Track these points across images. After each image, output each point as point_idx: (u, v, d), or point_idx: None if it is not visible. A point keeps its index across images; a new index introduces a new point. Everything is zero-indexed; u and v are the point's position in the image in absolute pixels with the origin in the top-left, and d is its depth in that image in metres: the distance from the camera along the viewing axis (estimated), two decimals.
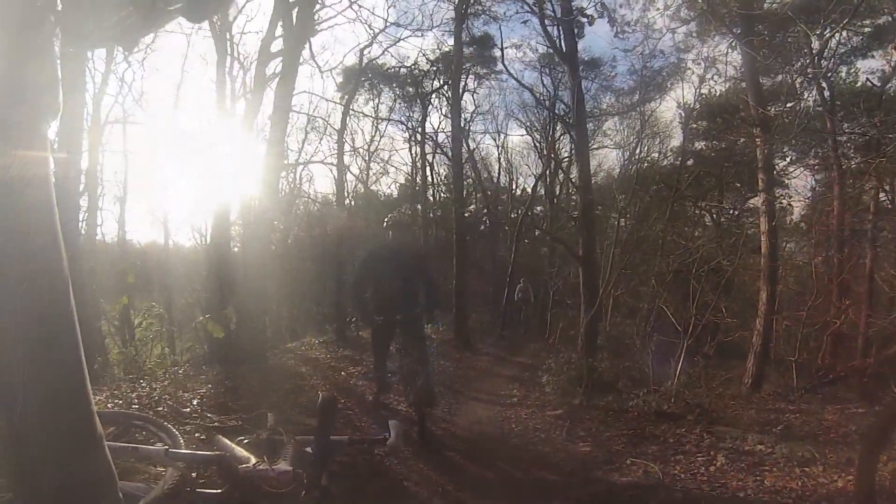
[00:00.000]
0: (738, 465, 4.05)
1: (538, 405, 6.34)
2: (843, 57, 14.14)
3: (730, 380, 7.72)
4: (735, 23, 9.08)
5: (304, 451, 2.60)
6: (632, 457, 4.33)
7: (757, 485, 3.65)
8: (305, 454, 2.59)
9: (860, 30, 13.10)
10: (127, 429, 3.00)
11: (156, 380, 5.05)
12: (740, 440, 4.58)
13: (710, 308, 6.67)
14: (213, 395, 4.77)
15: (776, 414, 5.95)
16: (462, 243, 12.66)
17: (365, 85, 16.11)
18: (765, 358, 7.77)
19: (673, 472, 3.99)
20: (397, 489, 3.54)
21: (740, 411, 5.98)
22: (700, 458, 4.28)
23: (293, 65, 8.15)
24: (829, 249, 10.55)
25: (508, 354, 11.47)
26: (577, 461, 4.38)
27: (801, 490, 3.48)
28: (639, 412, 5.45)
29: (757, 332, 7.74)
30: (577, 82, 9.16)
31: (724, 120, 12.71)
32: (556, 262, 16.25)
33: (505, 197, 22.08)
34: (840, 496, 3.28)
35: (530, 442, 5.05)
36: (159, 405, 4.14)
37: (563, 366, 6.56)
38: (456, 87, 13.03)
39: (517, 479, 4.13)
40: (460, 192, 13.09)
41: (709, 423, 5.05)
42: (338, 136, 13.23)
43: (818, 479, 3.64)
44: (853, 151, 12.81)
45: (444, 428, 5.44)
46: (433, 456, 4.44)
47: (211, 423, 3.84)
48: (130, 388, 4.53)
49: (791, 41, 11.08)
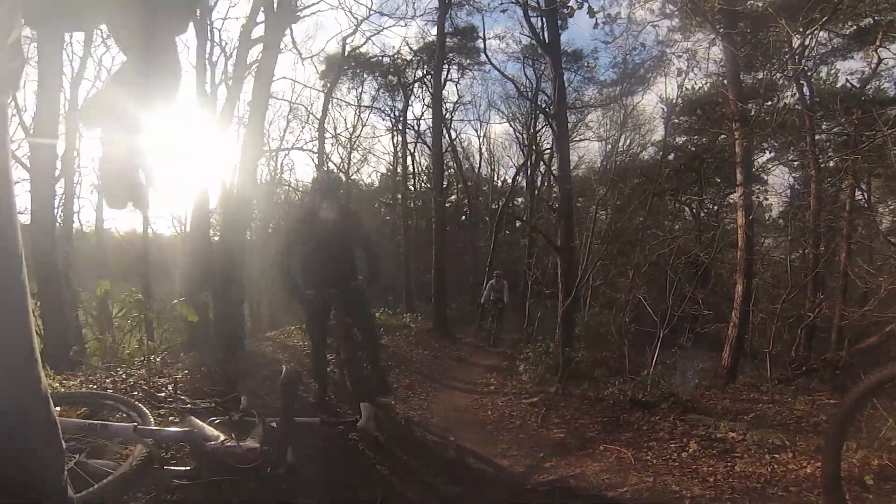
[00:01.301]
0: (710, 451, 4.08)
1: (515, 393, 6.34)
2: (824, 57, 14.36)
3: (705, 370, 7.82)
4: (718, 19, 9.12)
5: (271, 428, 2.59)
6: (605, 443, 4.34)
7: (727, 470, 3.67)
8: (273, 431, 2.59)
9: (841, 31, 13.32)
10: (98, 409, 2.94)
11: (132, 366, 4.96)
12: (713, 428, 4.60)
13: (686, 299, 6.71)
14: (188, 380, 4.71)
15: (750, 403, 6.02)
16: (441, 233, 12.63)
17: (348, 73, 15.96)
18: (740, 349, 7.85)
19: (645, 458, 4.00)
20: (368, 473, 3.48)
21: (715, 401, 6.05)
22: (673, 444, 4.30)
23: (273, 51, 8.02)
24: (805, 245, 10.72)
25: (487, 344, 11.51)
26: (550, 447, 4.36)
27: (770, 475, 3.50)
28: (614, 400, 5.47)
29: (733, 324, 7.82)
30: (559, 73, 9.14)
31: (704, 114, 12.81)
32: (535, 253, 16.18)
33: (486, 188, 22.12)
34: (807, 481, 3.30)
35: (505, 429, 5.04)
36: (134, 390, 4.07)
37: (540, 355, 6.57)
38: (438, 76, 12.96)
39: (491, 465, 4.10)
40: (440, 182, 13.06)
41: (682, 412, 5.08)
42: (319, 124, 13.07)
43: (787, 466, 3.67)
44: (831, 150, 13.01)
45: (421, 415, 5.44)
46: (408, 442, 4.42)
47: (184, 405, 3.77)
48: (106, 375, 4.46)
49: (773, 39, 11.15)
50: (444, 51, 13.46)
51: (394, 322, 11.80)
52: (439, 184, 12.78)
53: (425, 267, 12.98)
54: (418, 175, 20.22)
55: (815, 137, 12.91)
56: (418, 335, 10.56)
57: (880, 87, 13.41)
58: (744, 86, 10.00)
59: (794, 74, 11.75)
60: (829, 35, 13.72)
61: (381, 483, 3.35)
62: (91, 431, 2.42)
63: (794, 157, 14.52)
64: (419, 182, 20.35)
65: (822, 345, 9.66)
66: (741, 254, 8.00)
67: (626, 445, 4.26)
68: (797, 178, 15.68)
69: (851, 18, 12.34)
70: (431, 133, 13.99)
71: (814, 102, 13.19)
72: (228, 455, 2.36)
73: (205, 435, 2.52)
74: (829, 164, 12.55)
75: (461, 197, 21.50)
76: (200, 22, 11.29)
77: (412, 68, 16.85)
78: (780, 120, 8.25)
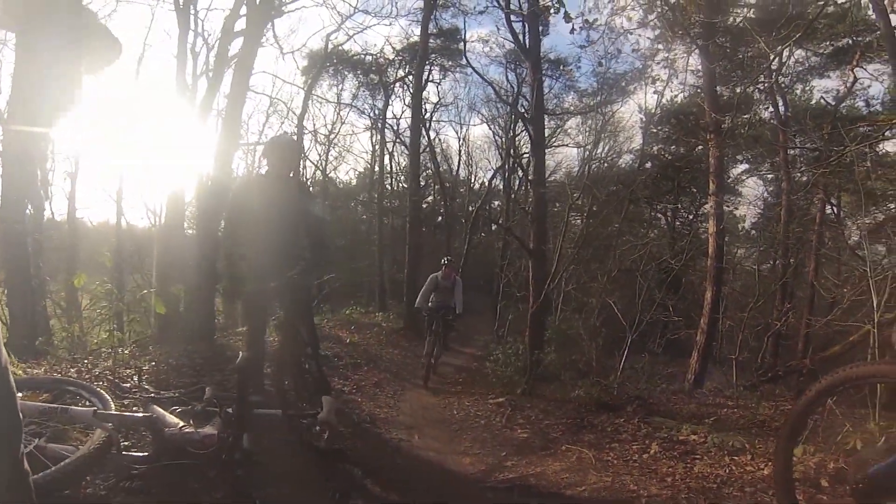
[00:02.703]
0: (671, 453, 4.09)
1: (482, 393, 6.31)
2: (801, 74, 14.72)
3: (674, 375, 7.88)
4: (697, 32, 9.27)
5: (228, 415, 2.61)
6: (568, 444, 4.33)
7: (686, 471, 3.68)
8: (230, 418, 2.61)
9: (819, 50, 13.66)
10: (61, 395, 2.90)
11: (100, 357, 4.83)
12: (675, 430, 4.63)
13: (655, 305, 6.76)
14: (155, 371, 4.60)
15: (715, 408, 6.06)
16: (416, 233, 12.56)
17: (329, 70, 15.85)
18: (708, 355, 7.93)
19: (606, 459, 4.00)
20: (330, 466, 3.42)
21: (681, 405, 6.07)
22: (635, 446, 4.31)
23: (254, 44, 7.90)
24: (775, 256, 10.91)
25: (458, 345, 11.42)
26: (513, 446, 4.34)
27: (727, 476, 3.52)
28: (580, 402, 5.47)
29: (701, 330, 7.90)
30: (538, 78, 9.18)
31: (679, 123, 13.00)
32: (509, 255, 16.15)
33: (463, 190, 22.12)
34: (763, 482, 3.32)
35: (470, 427, 5.02)
36: (99, 380, 3.95)
37: (509, 357, 6.54)
38: (419, 76, 12.94)
39: (453, 463, 4.06)
40: (417, 181, 13.00)
41: (647, 414, 5.10)
42: (298, 120, 12.95)
43: (745, 468, 3.70)
44: (804, 165, 13.27)
45: (387, 413, 5.39)
46: (371, 437, 4.40)
47: (148, 394, 3.68)
48: (71, 364, 4.34)
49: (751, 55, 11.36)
50: (427, 51, 13.46)
51: (365, 320, 11.68)
52: (415, 182, 12.73)
53: (399, 266, 12.85)
54: (396, 174, 20.20)
55: (788, 152, 13.19)
56: (389, 334, 10.48)
57: (854, 105, 13.74)
58: (721, 98, 10.16)
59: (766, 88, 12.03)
60: (807, 53, 14.12)
61: (342, 476, 3.29)
62: (52, 415, 2.43)
63: (767, 169, 14.80)
64: (396, 181, 20.30)
65: (789, 353, 9.81)
66: (711, 262, 8.10)
67: (589, 446, 4.25)
68: (770, 191, 16.00)
69: (829, 38, 12.70)
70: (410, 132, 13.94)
71: (788, 117, 13.47)
72: (186, 441, 2.39)
73: (164, 421, 2.53)
74: (801, 178, 12.81)
75: (438, 198, 21.47)
76: (183, 11, 11.12)
77: (394, 68, 16.89)
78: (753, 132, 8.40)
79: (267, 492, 2.60)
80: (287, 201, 3.53)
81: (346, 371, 6.97)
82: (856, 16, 10.63)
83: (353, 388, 6.26)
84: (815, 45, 13.42)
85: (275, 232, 3.50)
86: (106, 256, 11.56)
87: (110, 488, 2.23)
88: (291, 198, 3.58)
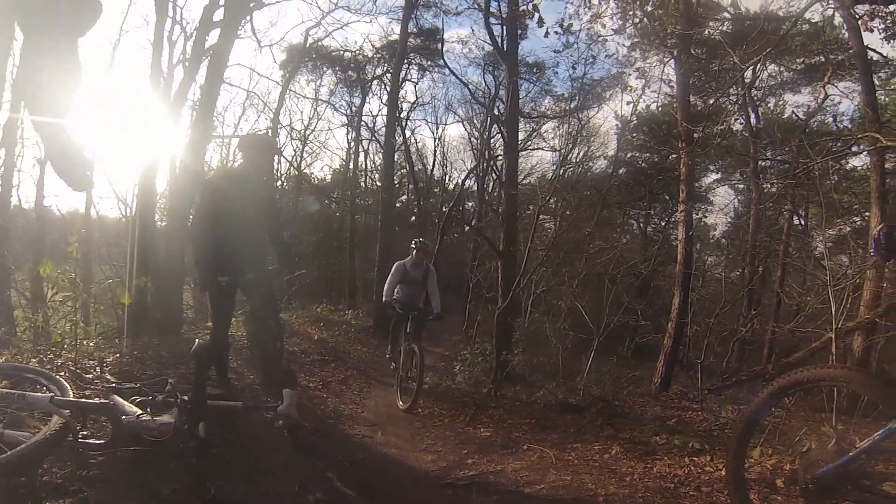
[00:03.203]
0: (632, 453, 4.11)
1: (448, 393, 6.25)
2: (773, 89, 15.08)
3: (641, 378, 7.94)
4: (673, 43, 9.40)
5: (184, 402, 2.59)
6: (530, 443, 4.30)
7: (645, 471, 3.70)
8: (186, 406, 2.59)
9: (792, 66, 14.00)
10: (20, 382, 2.83)
11: (63, 348, 4.66)
12: (638, 431, 4.65)
13: (623, 309, 6.80)
14: (119, 363, 4.45)
15: (679, 411, 6.13)
16: (388, 231, 12.46)
17: (308, 65, 15.67)
18: (674, 359, 8.01)
19: (567, 458, 3.98)
20: (290, 459, 3.34)
21: (646, 407, 6.12)
22: (597, 446, 4.30)
23: (231, 34, 7.78)
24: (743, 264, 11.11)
25: (428, 344, 11.29)
26: (475, 444, 4.29)
27: (685, 476, 3.54)
28: (545, 403, 5.48)
29: (668, 334, 7.98)
30: (514, 81, 9.20)
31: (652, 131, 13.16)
32: (479, 256, 16.06)
33: (437, 190, 22.01)
34: (719, 482, 3.35)
35: (433, 426, 4.96)
36: (62, 370, 3.80)
37: (476, 357, 6.50)
38: (397, 74, 12.88)
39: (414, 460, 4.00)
40: (390, 180, 12.92)
41: (611, 416, 5.11)
42: (274, 114, 12.76)
43: (704, 468, 3.72)
44: (774, 176, 13.56)
45: (352, 409, 5.33)
46: (335, 433, 4.36)
47: (110, 385, 3.57)
48: (33, 354, 4.19)
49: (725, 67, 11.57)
50: (406, 49, 13.39)
51: (335, 318, 11.59)
52: (389, 181, 12.64)
53: (370, 265, 12.72)
54: (370, 172, 20.06)
55: (759, 163, 13.48)
56: (358, 332, 10.42)
57: (825, 121, 14.12)
58: (695, 108, 10.31)
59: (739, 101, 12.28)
60: (780, 69, 14.48)
61: (303, 469, 3.20)
62: (8, 401, 2.40)
63: (738, 180, 15.09)
64: (371, 179, 20.15)
65: (755, 358, 9.98)
66: (680, 268, 8.19)
67: (551, 445, 4.23)
68: (741, 201, 16.31)
69: (803, 55, 13.02)
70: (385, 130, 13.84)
71: (759, 129, 13.77)
72: (142, 429, 2.40)
73: (122, 410, 2.52)
74: (771, 189, 13.08)
75: (412, 197, 21.39)
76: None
77: (373, 65, 16.74)
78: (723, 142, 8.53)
79: (223, 481, 2.55)
80: (259, 196, 3.64)
81: (312, 367, 6.90)
82: (829, 34, 10.94)
83: (320, 384, 6.19)
84: (788, 62, 13.78)
85: (247, 225, 3.56)
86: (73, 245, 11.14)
87: (67, 476, 2.19)
88: (262, 194, 3.70)
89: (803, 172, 7.83)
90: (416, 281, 5.93)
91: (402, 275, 5.92)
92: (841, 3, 6.69)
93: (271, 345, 3.73)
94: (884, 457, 2.52)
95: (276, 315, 3.86)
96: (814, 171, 6.96)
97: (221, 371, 4.05)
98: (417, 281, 5.93)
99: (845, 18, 7.55)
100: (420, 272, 5.93)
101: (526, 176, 16.76)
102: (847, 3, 6.59)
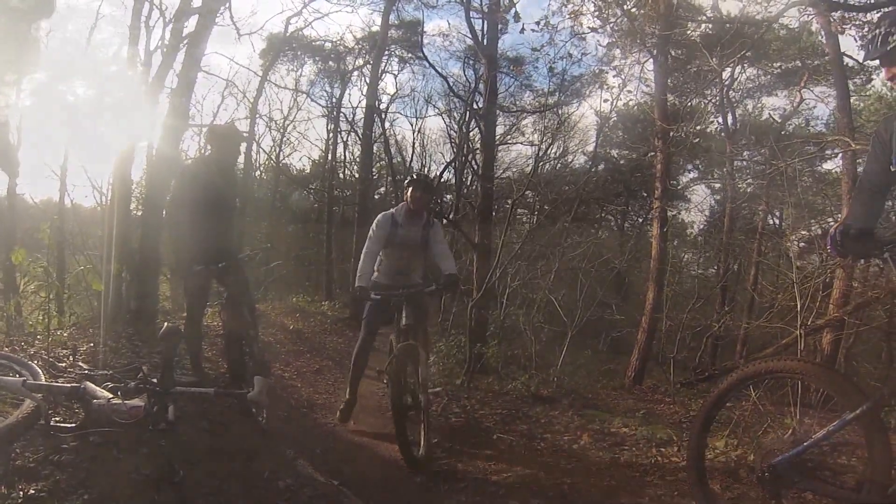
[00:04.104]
0: (601, 443, 4.17)
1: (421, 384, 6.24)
2: (751, 91, 15.34)
3: (616, 372, 8.03)
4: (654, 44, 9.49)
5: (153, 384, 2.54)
6: (500, 433, 4.33)
7: (612, 460, 3.76)
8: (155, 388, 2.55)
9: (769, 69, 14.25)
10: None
11: (36, 338, 4.57)
12: (608, 423, 4.72)
13: (597, 303, 6.87)
14: (92, 352, 4.40)
15: (651, 404, 6.21)
16: (365, 223, 12.37)
17: (288, 55, 15.48)
18: (648, 354, 8.12)
19: (536, 448, 4.04)
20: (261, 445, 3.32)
21: (619, 400, 6.19)
22: (566, 437, 4.36)
23: (209, 21, 7.64)
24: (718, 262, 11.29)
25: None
26: (445, 434, 4.30)
27: (651, 466, 3.60)
28: (517, 395, 5.51)
29: (642, 329, 8.09)
30: (493, 76, 9.23)
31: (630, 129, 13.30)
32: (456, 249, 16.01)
33: None
34: (684, 472, 3.38)
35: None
36: (35, 359, 3.73)
37: (451, 348, 6.51)
38: (377, 65, 12.79)
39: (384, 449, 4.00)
40: (368, 171, 12.85)
41: (582, 408, 5.17)
42: (252, 104, 12.59)
43: (671, 458, 3.79)
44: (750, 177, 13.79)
45: (325, 399, 5.34)
46: (307, 421, 4.41)
47: (83, 372, 3.53)
48: (6, 344, 4.11)
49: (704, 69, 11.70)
50: (387, 40, 13.31)
51: (311, 309, 11.55)
52: (367, 173, 12.56)
53: (347, 256, 12.66)
54: (349, 164, 19.70)
55: (734, 163, 13.70)
56: (334, 322, 10.42)
57: (800, 124, 14.41)
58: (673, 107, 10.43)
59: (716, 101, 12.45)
60: (758, 72, 14.73)
61: (272, 455, 3.21)
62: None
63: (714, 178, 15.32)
64: (350, 171, 19.83)
65: (727, 354, 10.17)
66: (654, 263, 8.31)
67: (520, 436, 4.28)
68: (717, 199, 16.56)
69: (780, 59, 13.26)
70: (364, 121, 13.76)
71: (736, 130, 13.98)
72: (113, 412, 2.38)
73: (93, 394, 2.51)
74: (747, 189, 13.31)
75: (390, 189, 21.22)
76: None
77: (353, 56, 16.56)
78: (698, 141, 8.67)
79: (192, 465, 2.61)
80: (228, 187, 3.72)
81: (287, 357, 6.89)
82: (806, 40, 11.15)
83: (294, 373, 6.20)
84: (765, 65, 14.03)
85: (222, 214, 3.63)
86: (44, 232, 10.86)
87: (39, 461, 2.26)
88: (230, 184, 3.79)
89: (777, 173, 7.98)
90: (411, 242, 4.04)
91: (390, 234, 3.96)
92: (817, 8, 6.80)
93: (245, 332, 3.70)
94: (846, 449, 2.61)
95: (250, 303, 3.87)
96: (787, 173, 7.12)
97: (195, 359, 4.07)
98: (414, 242, 4.05)
99: (822, 24, 7.67)
100: (418, 228, 4.02)
101: (504, 169, 16.80)
102: (823, 9, 6.70)
